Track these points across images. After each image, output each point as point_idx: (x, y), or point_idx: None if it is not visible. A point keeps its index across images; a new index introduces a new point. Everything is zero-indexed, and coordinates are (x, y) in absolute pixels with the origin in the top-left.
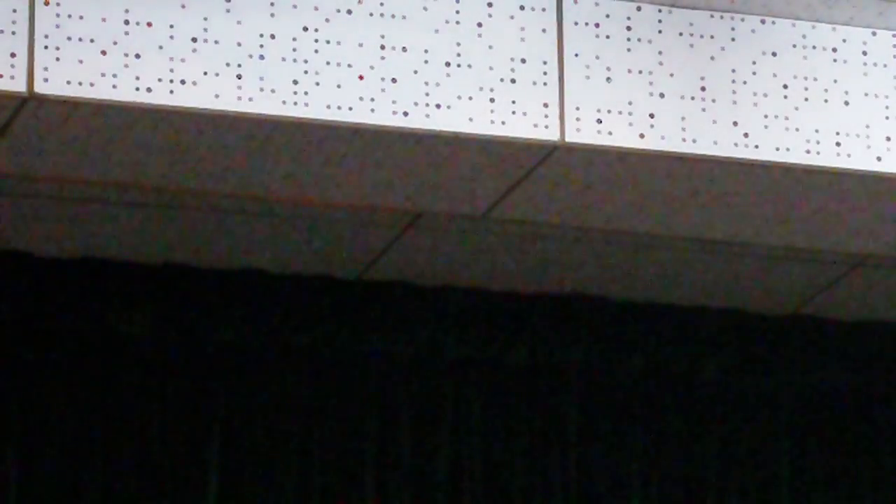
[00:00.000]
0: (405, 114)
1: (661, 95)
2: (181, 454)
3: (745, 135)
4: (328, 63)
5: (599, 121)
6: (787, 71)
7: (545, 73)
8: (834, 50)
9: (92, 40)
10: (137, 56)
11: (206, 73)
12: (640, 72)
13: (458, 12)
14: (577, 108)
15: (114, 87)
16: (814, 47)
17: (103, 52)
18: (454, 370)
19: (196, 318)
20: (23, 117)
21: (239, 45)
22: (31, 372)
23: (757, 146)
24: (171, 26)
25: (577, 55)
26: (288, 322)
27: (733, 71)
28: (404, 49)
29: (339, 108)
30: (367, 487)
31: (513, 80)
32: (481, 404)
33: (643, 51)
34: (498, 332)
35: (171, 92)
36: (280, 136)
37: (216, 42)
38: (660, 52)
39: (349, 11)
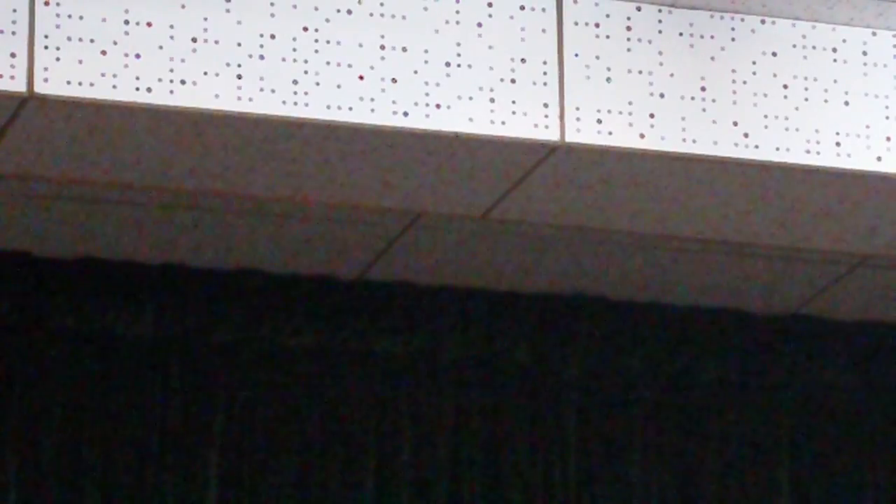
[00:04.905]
0: (405, 114)
1: (661, 95)
2: (181, 454)
3: (745, 135)
4: (328, 63)
5: (599, 121)
6: (787, 71)
7: (545, 73)
8: (834, 50)
9: (92, 40)
10: (137, 56)
11: (206, 73)
12: (640, 72)
13: (458, 12)
14: (577, 108)
15: (114, 87)
16: (814, 47)
17: (103, 52)
18: (454, 370)
19: (196, 318)
20: (23, 117)
21: (239, 45)
22: (31, 372)
23: (757, 146)
24: (171, 26)
25: (577, 55)
26: (288, 322)
27: (733, 71)
28: (404, 49)
29: (339, 108)
30: (367, 487)
31: (513, 80)
32: (481, 404)
33: (643, 51)
34: (498, 332)
35: (171, 92)
36: (280, 136)
37: (216, 42)
38: (660, 52)
39: (349, 11)
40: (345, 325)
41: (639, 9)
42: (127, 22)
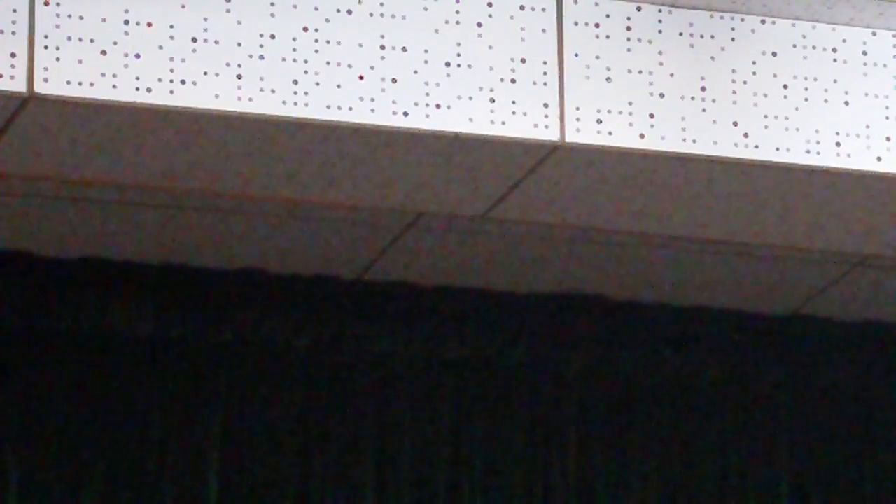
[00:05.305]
0: (405, 114)
1: (661, 95)
2: (181, 454)
3: (745, 135)
4: (328, 63)
5: (599, 121)
6: (787, 71)
7: (545, 73)
8: (834, 50)
9: (92, 40)
10: (137, 56)
11: (206, 73)
12: (640, 72)
13: (458, 12)
14: (577, 108)
15: (114, 87)
16: (814, 47)
17: (103, 52)
18: (454, 370)
19: (196, 318)
20: (23, 117)
21: (239, 45)
22: (31, 372)
23: (757, 146)
24: (171, 26)
25: (577, 55)
26: (288, 322)
27: (733, 71)
28: (404, 49)
29: (339, 108)
30: (367, 487)
31: (513, 80)
32: (481, 404)
33: (643, 51)
34: (498, 332)
35: (171, 92)
36: (280, 136)
37: (216, 42)
38: (660, 52)
39: (349, 11)
40: (345, 325)
41: (639, 9)
42: (127, 22)
